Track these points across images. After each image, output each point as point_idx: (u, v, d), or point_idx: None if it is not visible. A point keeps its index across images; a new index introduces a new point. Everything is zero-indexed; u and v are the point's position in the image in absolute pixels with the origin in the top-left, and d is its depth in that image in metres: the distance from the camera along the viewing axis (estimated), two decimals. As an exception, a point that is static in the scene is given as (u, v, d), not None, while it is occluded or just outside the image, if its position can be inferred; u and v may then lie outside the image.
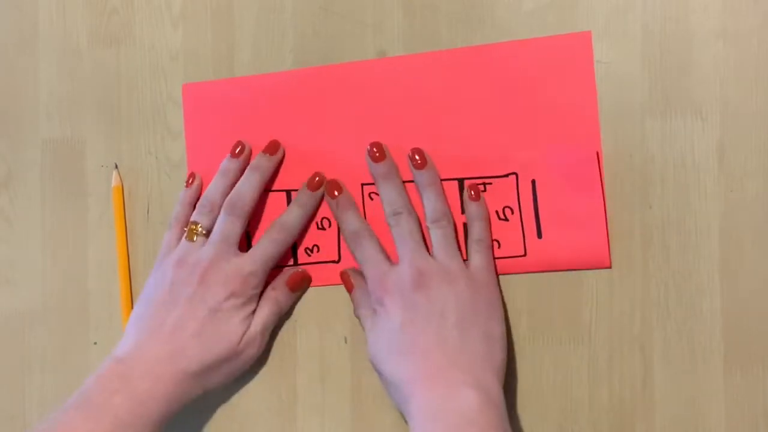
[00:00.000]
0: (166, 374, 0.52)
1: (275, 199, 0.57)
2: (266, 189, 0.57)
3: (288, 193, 0.57)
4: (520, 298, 0.53)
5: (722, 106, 0.50)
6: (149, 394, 0.51)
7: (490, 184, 0.54)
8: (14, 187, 0.63)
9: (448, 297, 0.50)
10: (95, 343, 0.61)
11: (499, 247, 0.54)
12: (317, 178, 0.56)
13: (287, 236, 0.56)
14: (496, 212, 0.54)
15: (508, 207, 0.54)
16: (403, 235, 0.53)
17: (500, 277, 0.54)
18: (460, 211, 0.54)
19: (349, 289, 0.55)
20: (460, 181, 0.54)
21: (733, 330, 0.50)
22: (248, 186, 0.56)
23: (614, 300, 0.52)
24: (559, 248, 0.53)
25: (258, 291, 0.55)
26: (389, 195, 0.54)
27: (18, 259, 0.63)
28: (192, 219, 0.56)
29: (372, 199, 0.56)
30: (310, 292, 0.57)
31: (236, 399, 0.58)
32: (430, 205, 0.53)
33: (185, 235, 0.56)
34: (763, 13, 0.50)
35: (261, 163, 0.56)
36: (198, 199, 0.57)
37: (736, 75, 0.50)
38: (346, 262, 0.56)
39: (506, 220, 0.53)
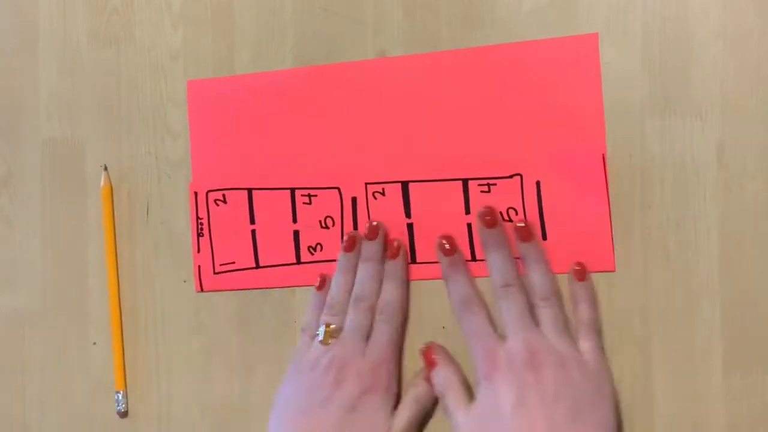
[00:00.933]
0: None
1: (280, 197, 0.58)
2: (271, 187, 0.58)
3: (292, 191, 0.57)
4: (520, 298, 0.53)
5: (722, 106, 0.50)
6: None
7: (495, 185, 0.54)
8: (14, 187, 0.63)
9: (560, 381, 0.48)
10: (95, 343, 0.61)
11: None
12: (396, 243, 0.55)
13: (395, 313, 0.54)
14: (500, 213, 0.54)
15: (512, 208, 0.53)
16: (514, 309, 0.50)
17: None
18: (463, 212, 0.54)
19: (432, 366, 0.53)
20: (464, 181, 0.54)
21: (733, 330, 0.50)
22: (368, 277, 0.54)
23: (614, 300, 0.52)
24: (563, 250, 0.53)
25: (394, 380, 0.53)
26: (501, 266, 0.52)
27: (18, 259, 0.63)
28: (325, 321, 0.54)
29: (376, 198, 0.56)
30: (311, 290, 0.57)
31: (236, 399, 0.58)
32: (539, 280, 0.51)
33: (320, 338, 0.54)
34: (763, 13, 0.50)
35: (371, 252, 0.55)
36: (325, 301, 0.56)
37: (736, 75, 0.50)
38: (347, 262, 0.56)
39: (510, 221, 0.53)
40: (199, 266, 0.59)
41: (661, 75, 0.51)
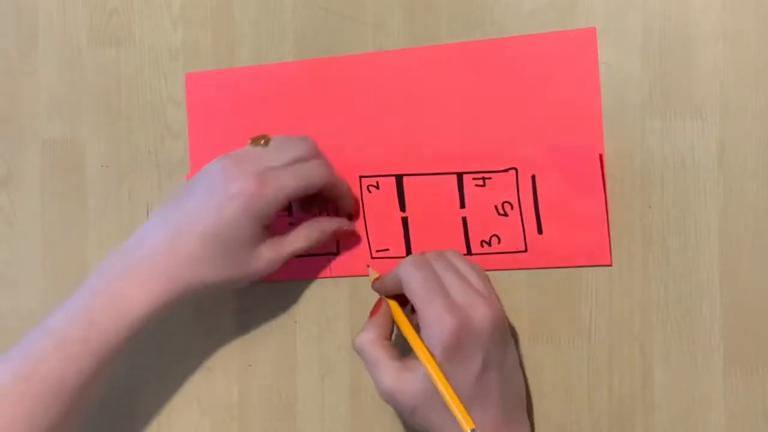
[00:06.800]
0: (165, 253, 0.50)
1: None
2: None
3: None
4: (520, 297, 0.53)
5: (722, 106, 0.50)
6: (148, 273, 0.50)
7: (490, 178, 0.54)
8: (14, 187, 0.63)
9: None
10: (95, 343, 0.61)
11: (499, 242, 0.54)
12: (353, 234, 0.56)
13: (320, 238, 0.54)
14: (495, 207, 0.54)
15: (508, 202, 0.54)
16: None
17: (501, 273, 0.54)
18: (458, 205, 0.54)
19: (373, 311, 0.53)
20: (459, 175, 0.54)
21: (733, 330, 0.50)
22: (321, 171, 0.53)
23: (614, 300, 0.52)
24: (559, 244, 0.53)
25: (272, 218, 0.51)
26: None
27: (18, 259, 0.63)
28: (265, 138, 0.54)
29: (370, 191, 0.56)
30: (310, 289, 0.57)
31: (236, 398, 0.58)
32: None
33: (251, 140, 0.54)
34: (763, 13, 0.50)
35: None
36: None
37: (736, 75, 0.50)
38: (345, 254, 0.56)
39: (506, 215, 0.53)
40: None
41: (661, 75, 0.51)
